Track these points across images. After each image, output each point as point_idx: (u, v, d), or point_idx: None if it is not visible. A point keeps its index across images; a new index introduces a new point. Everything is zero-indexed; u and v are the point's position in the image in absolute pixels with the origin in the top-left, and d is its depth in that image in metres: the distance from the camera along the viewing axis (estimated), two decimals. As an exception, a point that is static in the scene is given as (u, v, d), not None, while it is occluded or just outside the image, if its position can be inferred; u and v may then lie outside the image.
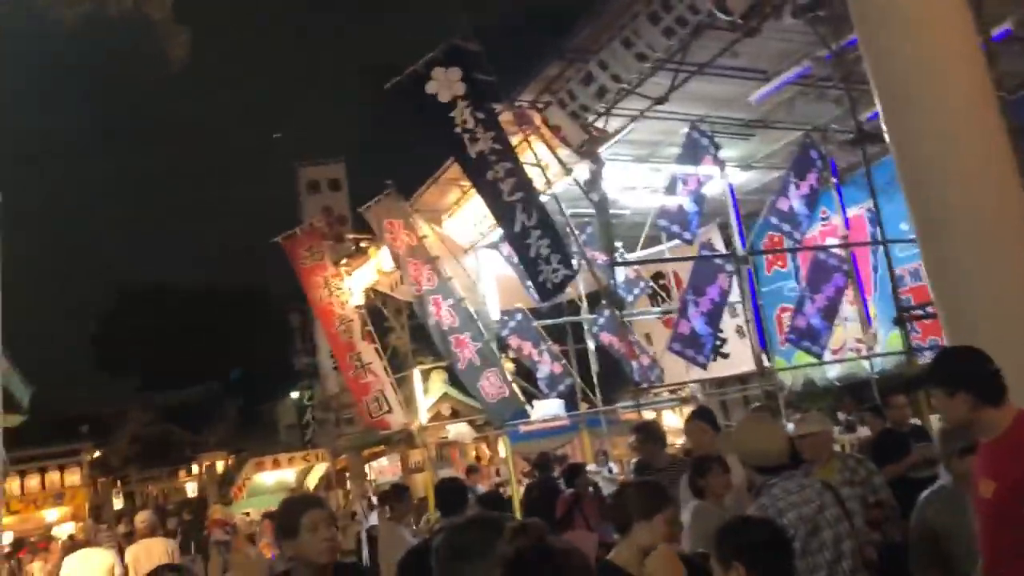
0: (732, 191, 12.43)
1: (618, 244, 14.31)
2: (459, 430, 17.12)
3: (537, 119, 10.47)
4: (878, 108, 4.83)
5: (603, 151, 11.23)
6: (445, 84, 10.18)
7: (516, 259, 11.12)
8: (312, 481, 25.34)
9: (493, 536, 1.82)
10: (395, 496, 7.14)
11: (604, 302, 14.33)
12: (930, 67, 4.26)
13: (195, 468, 35.86)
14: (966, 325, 4.05)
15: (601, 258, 12.82)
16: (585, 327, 16.01)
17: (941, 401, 2.91)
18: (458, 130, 10.04)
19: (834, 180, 12.80)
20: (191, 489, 35.43)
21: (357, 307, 16.96)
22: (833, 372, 15.28)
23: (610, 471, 15.40)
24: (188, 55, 11.67)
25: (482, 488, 12.32)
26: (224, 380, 39.50)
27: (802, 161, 12.16)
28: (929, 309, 10.09)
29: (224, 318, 44.03)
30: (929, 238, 4.43)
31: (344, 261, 16.94)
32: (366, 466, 21.34)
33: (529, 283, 11.93)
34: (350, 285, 16.83)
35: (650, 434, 6.35)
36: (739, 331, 16.53)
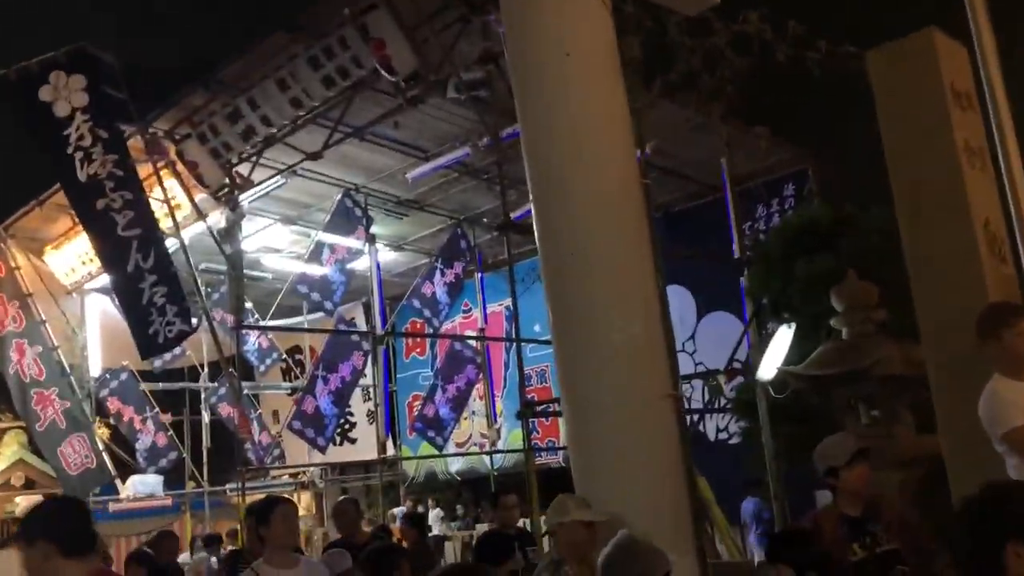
0: (379, 268, 11.99)
1: (251, 306, 13.19)
2: (30, 503, 14.40)
3: (171, 150, 9.24)
4: (530, 199, 4.48)
5: (245, 202, 10.23)
6: (64, 92, 8.62)
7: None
8: None
9: None
10: None
11: (230, 370, 13.02)
12: (587, 168, 3.99)
13: None
14: (590, 426, 3.71)
15: (230, 321, 11.60)
16: (203, 396, 14.42)
17: (21, 551, 2.63)
18: (71, 147, 8.48)
19: (479, 274, 12.88)
20: None
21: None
22: (456, 466, 15.19)
23: (215, 562, 13.69)
24: None
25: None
26: None
27: (451, 250, 12.09)
28: (550, 408, 10.24)
29: None
30: (562, 332, 4.07)
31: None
32: (-100, 541, 17.31)
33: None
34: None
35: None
36: (370, 416, 15.96)
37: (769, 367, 5.62)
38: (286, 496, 6.28)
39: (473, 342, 12.59)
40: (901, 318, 5.66)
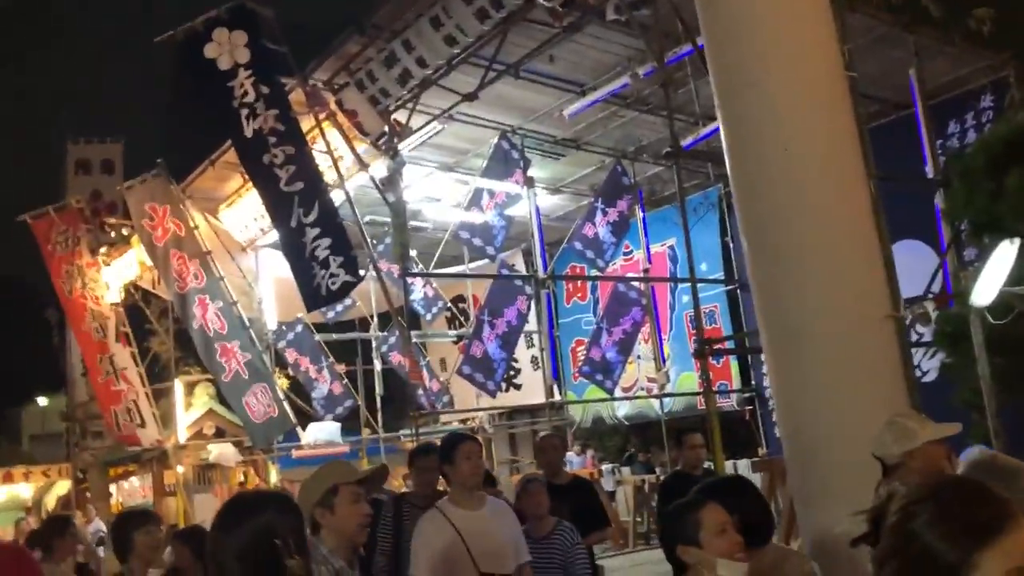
0: (538, 212, 11.75)
1: (414, 255, 13.29)
2: (222, 451, 15.30)
3: (331, 101, 9.28)
4: (717, 109, 3.96)
5: (405, 150, 10.21)
6: (227, 48, 8.80)
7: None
8: (52, 500, 22.30)
9: None
10: (50, 532, 5.23)
11: (399, 318, 13.22)
12: (787, 64, 3.47)
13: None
14: (799, 356, 3.29)
15: (396, 271, 11.71)
16: (374, 346, 14.78)
17: None
18: (236, 103, 8.66)
19: (641, 212, 12.40)
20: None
21: (114, 304, 14.89)
22: (623, 410, 14.93)
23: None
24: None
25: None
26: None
27: (611, 187, 11.66)
28: (725, 346, 9.73)
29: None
30: (761, 250, 3.61)
31: (104, 250, 14.85)
32: (112, 486, 18.88)
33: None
34: (108, 278, 14.76)
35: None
36: (534, 362, 15.89)
37: (987, 291, 4.96)
38: (469, 433, 6.12)
39: (638, 283, 12.18)
40: None
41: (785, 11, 3.44)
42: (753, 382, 12.45)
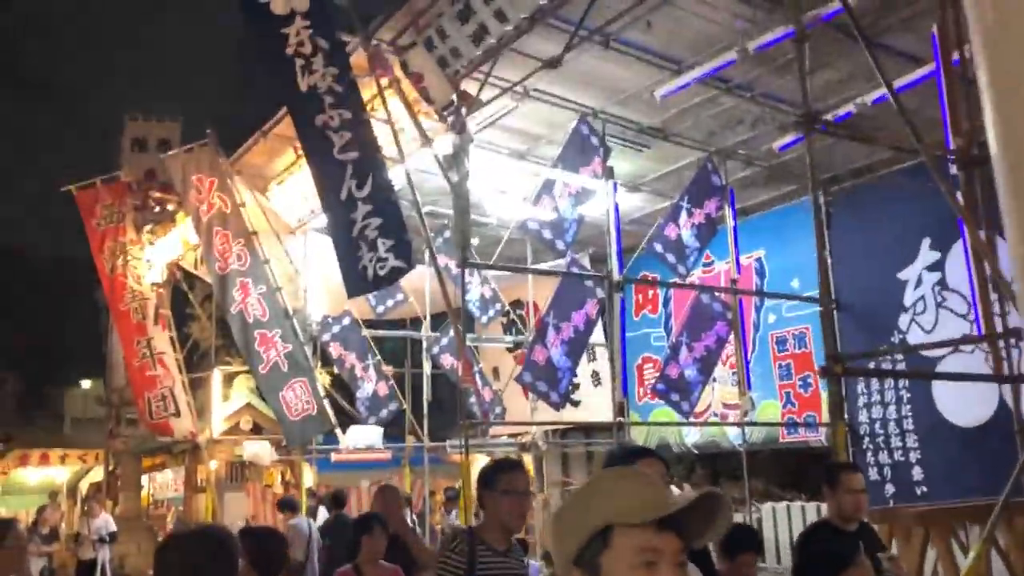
0: (616, 208, 10.53)
1: (474, 248, 12.19)
2: (257, 449, 14.35)
3: (396, 65, 8.24)
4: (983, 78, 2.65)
5: (473, 130, 9.11)
6: (285, -7, 7.85)
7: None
8: (85, 486, 21.70)
9: None
10: None
11: (455, 312, 12.09)
12: None
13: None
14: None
15: (454, 265, 10.60)
16: (424, 347, 13.69)
17: None
18: (290, 51, 7.69)
19: (733, 218, 11.09)
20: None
21: (155, 284, 14.12)
22: (692, 437, 13.59)
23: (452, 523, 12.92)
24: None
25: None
26: (9, 354, 33.77)
27: (700, 186, 10.41)
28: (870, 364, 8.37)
29: (23, 284, 38.69)
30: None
31: (148, 227, 14.10)
32: (145, 477, 18.15)
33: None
34: (151, 256, 13.99)
35: None
36: (594, 377, 14.68)
37: None
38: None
39: (723, 296, 10.86)
40: None
41: None
42: (847, 415, 11.01)
